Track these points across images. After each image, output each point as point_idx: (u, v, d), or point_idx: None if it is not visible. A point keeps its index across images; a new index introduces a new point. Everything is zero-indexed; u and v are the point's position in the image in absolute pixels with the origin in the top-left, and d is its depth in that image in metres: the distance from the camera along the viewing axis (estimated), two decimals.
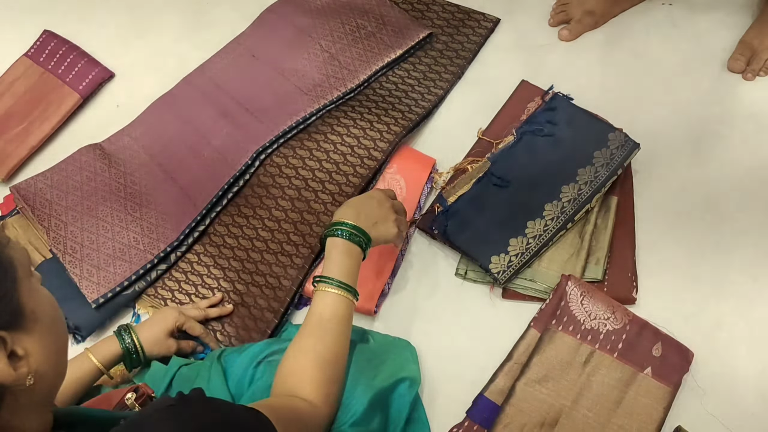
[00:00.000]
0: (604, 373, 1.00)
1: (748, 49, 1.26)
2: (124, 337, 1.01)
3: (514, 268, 1.08)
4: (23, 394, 0.55)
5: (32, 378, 0.54)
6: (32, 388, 0.55)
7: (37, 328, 0.55)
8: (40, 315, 0.56)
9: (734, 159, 1.19)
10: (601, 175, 1.13)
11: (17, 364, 0.53)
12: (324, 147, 1.24)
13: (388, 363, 0.97)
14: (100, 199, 1.25)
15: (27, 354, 0.54)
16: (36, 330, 0.55)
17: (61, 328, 0.59)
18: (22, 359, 0.53)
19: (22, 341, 0.54)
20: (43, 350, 0.55)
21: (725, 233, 1.13)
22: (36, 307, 0.55)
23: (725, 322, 1.06)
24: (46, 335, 0.56)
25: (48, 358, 0.56)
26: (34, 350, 0.54)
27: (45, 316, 0.56)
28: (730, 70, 1.28)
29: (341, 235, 0.93)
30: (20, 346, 0.53)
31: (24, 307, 0.54)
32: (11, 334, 0.53)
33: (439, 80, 1.33)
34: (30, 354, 0.54)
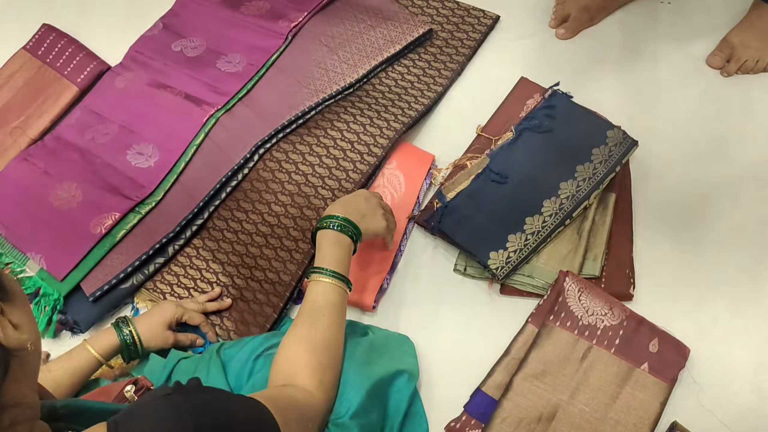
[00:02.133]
0: (602, 369, 1.00)
1: (729, 47, 1.27)
2: (122, 329, 1.01)
3: (512, 264, 1.09)
4: (28, 360, 0.57)
5: (31, 344, 0.56)
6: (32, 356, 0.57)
7: (17, 300, 0.57)
8: (15, 290, 0.58)
9: (731, 156, 1.20)
10: (599, 172, 1.13)
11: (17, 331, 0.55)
12: (324, 143, 1.24)
13: (387, 356, 0.98)
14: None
15: (20, 323, 0.56)
16: (17, 301, 0.57)
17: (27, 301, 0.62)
18: (18, 327, 0.56)
19: (13, 312, 0.56)
20: (27, 320, 0.58)
21: (722, 230, 1.14)
22: (9, 282, 0.58)
23: (721, 318, 1.07)
24: (24, 306, 0.59)
25: (32, 327, 0.59)
26: (22, 320, 0.56)
27: (18, 290, 0.59)
28: (709, 65, 1.29)
29: (331, 226, 0.96)
30: (13, 316, 0.56)
31: (4, 282, 0.57)
32: (5, 304, 0.55)
33: (439, 77, 1.34)
34: (21, 323, 0.56)
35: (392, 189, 1.21)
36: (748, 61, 1.26)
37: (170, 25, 1.47)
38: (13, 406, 0.55)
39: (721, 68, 1.28)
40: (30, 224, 1.23)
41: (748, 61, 1.26)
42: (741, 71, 1.27)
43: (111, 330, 1.01)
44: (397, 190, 1.21)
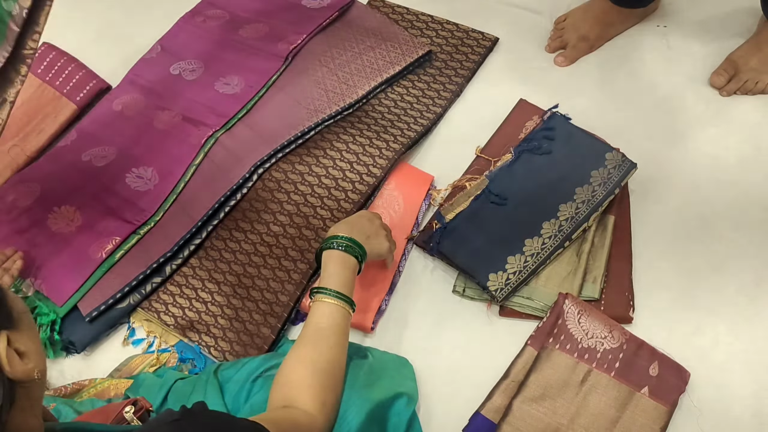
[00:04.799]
0: (601, 392, 1.00)
1: (732, 67, 1.28)
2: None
3: (511, 286, 1.08)
4: (33, 389, 0.56)
5: (38, 373, 0.55)
6: (38, 384, 0.56)
7: (24, 327, 0.56)
8: (21, 314, 0.57)
9: (730, 180, 1.20)
10: (598, 194, 1.13)
11: (24, 360, 0.54)
12: (323, 163, 1.24)
13: (386, 378, 0.97)
14: None
15: (27, 350, 0.55)
16: (23, 328, 0.56)
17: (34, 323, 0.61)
18: (25, 355, 0.55)
19: (20, 339, 0.55)
20: (34, 345, 0.57)
21: (721, 253, 1.14)
22: (17, 306, 0.57)
23: (721, 342, 1.06)
24: (30, 331, 0.58)
25: (39, 352, 0.58)
26: (29, 346, 0.55)
27: (24, 313, 0.58)
28: (711, 84, 1.30)
29: (337, 247, 0.95)
30: (20, 343, 0.55)
31: (11, 307, 0.56)
32: (11, 333, 0.54)
33: (438, 98, 1.34)
34: (28, 350, 0.55)
35: (391, 210, 1.21)
36: (749, 82, 1.27)
37: (168, 48, 1.47)
38: None
39: (722, 87, 1.29)
40: (29, 249, 1.22)
41: (749, 82, 1.27)
42: (740, 92, 1.28)
43: None
44: (395, 211, 1.21)
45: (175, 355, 1.12)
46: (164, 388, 0.97)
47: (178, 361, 1.12)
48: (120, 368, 1.12)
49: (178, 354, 1.12)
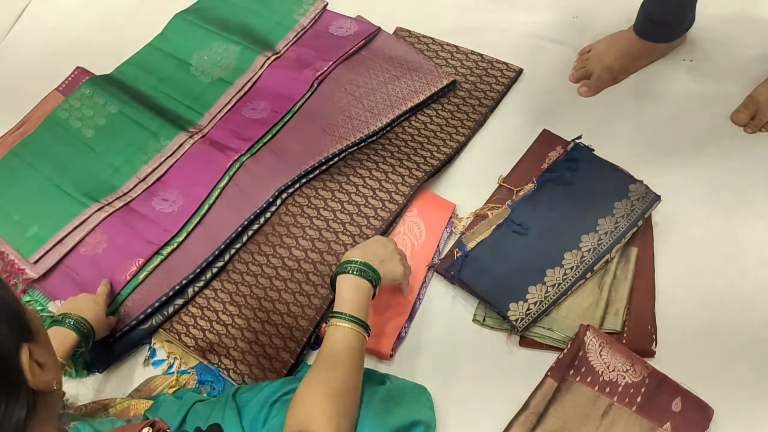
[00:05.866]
0: (623, 427, 0.98)
1: (753, 105, 1.28)
2: (68, 323, 1.02)
3: (532, 316, 1.08)
4: (52, 400, 0.57)
5: (57, 383, 0.57)
6: (55, 395, 0.58)
7: (42, 340, 0.58)
8: (39, 326, 0.58)
9: (756, 213, 1.19)
10: (621, 225, 1.13)
11: (44, 371, 0.56)
12: (346, 189, 1.25)
13: (404, 405, 0.96)
14: None
15: (45, 362, 0.56)
16: (41, 341, 0.58)
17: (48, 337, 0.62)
18: (44, 366, 0.56)
19: (39, 351, 0.56)
20: (51, 358, 0.58)
21: (746, 288, 1.12)
22: (35, 320, 0.58)
23: (746, 379, 1.04)
24: (48, 344, 0.59)
25: (56, 363, 0.59)
26: (47, 358, 0.57)
27: (40, 326, 0.59)
28: (733, 121, 1.30)
29: (351, 271, 0.96)
30: (39, 355, 0.56)
31: (31, 321, 0.57)
32: (32, 345, 0.55)
33: (461, 127, 1.35)
34: (47, 362, 0.56)
35: (413, 237, 1.21)
36: None
37: None
38: None
39: (745, 125, 1.28)
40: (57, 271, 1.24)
41: None
42: (765, 129, 1.27)
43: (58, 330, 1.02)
44: (417, 238, 1.21)
45: (194, 377, 1.13)
46: (183, 409, 0.97)
47: (198, 383, 1.12)
48: (140, 388, 1.13)
49: (198, 376, 1.13)
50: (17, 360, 0.53)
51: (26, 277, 1.22)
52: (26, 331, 0.56)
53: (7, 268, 1.24)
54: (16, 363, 0.53)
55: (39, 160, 1.39)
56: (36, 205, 1.32)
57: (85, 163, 1.38)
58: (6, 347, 0.52)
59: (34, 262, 1.24)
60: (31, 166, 1.39)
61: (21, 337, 0.54)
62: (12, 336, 0.53)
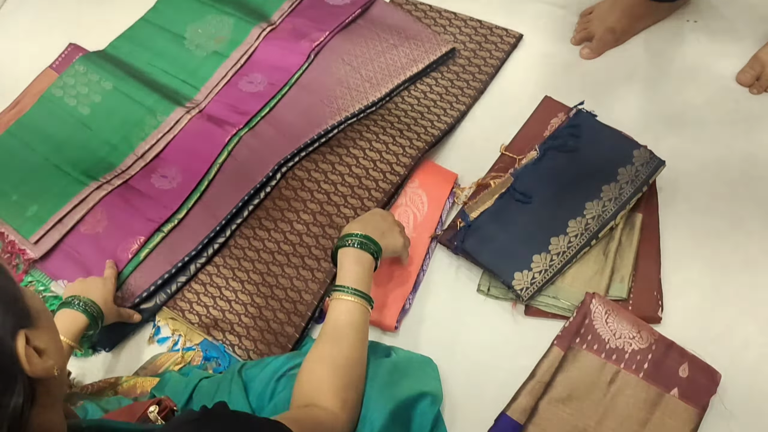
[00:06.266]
0: (630, 394, 0.98)
1: (759, 65, 1.26)
2: (78, 305, 1.02)
3: (537, 285, 1.07)
4: (53, 386, 0.56)
5: (57, 369, 0.55)
6: (57, 380, 0.56)
7: (42, 324, 0.57)
8: (39, 310, 0.57)
9: (761, 175, 1.18)
10: (625, 192, 1.12)
11: (43, 357, 0.54)
12: (346, 161, 1.24)
13: (410, 378, 0.96)
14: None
15: (46, 348, 0.55)
16: (42, 325, 0.56)
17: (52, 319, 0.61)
18: (44, 353, 0.55)
19: (39, 336, 0.55)
20: (52, 342, 0.57)
21: (752, 251, 1.11)
22: (34, 303, 0.57)
23: (753, 343, 1.04)
24: (50, 328, 0.58)
25: (58, 348, 0.58)
26: (48, 343, 0.56)
27: (42, 310, 0.58)
28: (738, 82, 1.28)
29: (351, 244, 0.96)
30: (39, 341, 0.55)
31: (29, 305, 0.56)
32: (30, 331, 0.54)
33: (461, 95, 1.33)
34: (48, 347, 0.55)
35: (415, 208, 1.20)
36: None
37: None
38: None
39: (750, 85, 1.26)
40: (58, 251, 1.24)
41: None
42: None
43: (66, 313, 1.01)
44: (419, 210, 1.20)
45: (199, 354, 1.13)
46: (189, 386, 0.97)
47: (203, 360, 1.12)
48: (145, 366, 1.13)
49: (203, 352, 1.13)
50: (12, 347, 0.52)
51: (27, 257, 1.22)
52: (23, 316, 0.54)
53: (7, 249, 1.24)
54: (11, 350, 0.51)
55: (35, 139, 1.38)
56: (34, 185, 1.31)
57: (82, 141, 1.37)
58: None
59: (35, 243, 1.23)
60: (27, 145, 1.37)
61: (17, 323, 0.53)
62: (6, 323, 0.52)
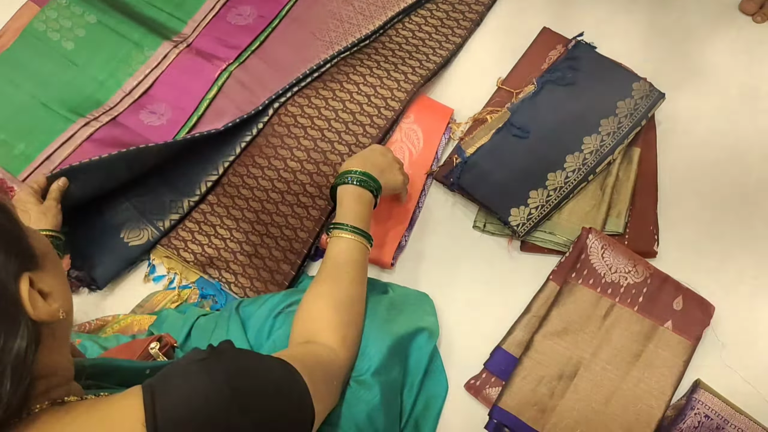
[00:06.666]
0: (624, 327, 0.99)
1: None
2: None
3: (533, 221, 1.07)
4: (59, 329, 0.55)
5: (63, 312, 0.54)
6: (63, 323, 0.55)
7: (48, 265, 0.55)
8: (44, 251, 0.56)
9: (762, 108, 1.16)
10: (624, 126, 1.10)
11: (48, 300, 0.53)
12: (340, 96, 1.21)
13: (407, 313, 0.97)
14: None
15: (51, 290, 0.54)
16: (47, 266, 0.55)
17: (59, 261, 0.59)
18: (49, 296, 0.54)
19: (44, 279, 0.54)
20: (58, 284, 0.56)
21: (749, 186, 1.11)
22: (38, 245, 0.55)
23: (747, 276, 1.05)
24: (55, 269, 0.57)
25: (64, 290, 0.57)
26: (54, 286, 0.55)
27: (48, 252, 0.57)
28: (741, 11, 1.25)
29: (351, 181, 0.94)
30: (44, 284, 0.54)
31: (33, 247, 0.54)
32: (34, 274, 0.53)
33: (457, 27, 1.29)
34: (53, 290, 0.54)
35: (410, 144, 1.19)
36: None
37: None
38: (46, 376, 0.54)
39: (753, 14, 1.23)
40: None
41: None
42: None
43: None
44: (415, 146, 1.18)
45: (196, 292, 1.13)
46: (187, 324, 0.97)
47: (200, 298, 1.12)
48: (142, 304, 1.13)
49: (199, 290, 1.13)
50: (15, 291, 0.50)
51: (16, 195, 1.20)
52: (27, 259, 0.53)
53: None
54: (14, 294, 0.50)
55: (19, 76, 1.34)
56: (21, 123, 1.28)
57: (68, 78, 1.33)
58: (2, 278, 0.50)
59: (23, 180, 1.21)
60: (11, 82, 1.33)
61: (21, 266, 0.52)
62: (9, 265, 0.50)
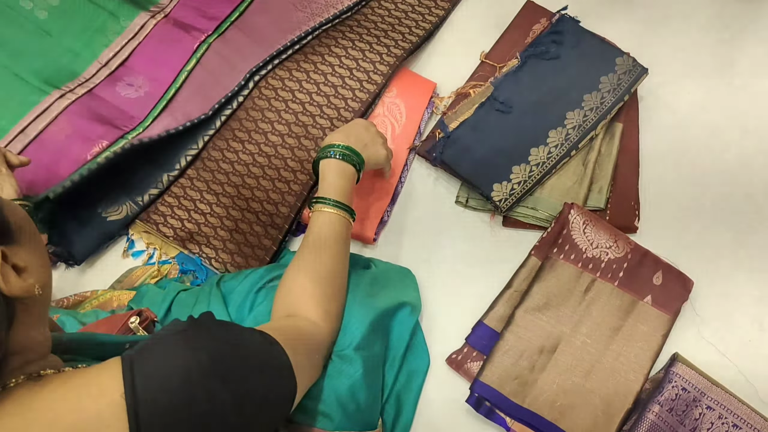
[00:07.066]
0: (605, 301, 1.00)
1: None
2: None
3: (516, 196, 1.07)
4: (34, 305, 0.54)
5: (39, 288, 0.53)
6: (39, 298, 0.54)
7: (24, 239, 0.54)
8: (21, 224, 0.54)
9: (742, 84, 1.17)
10: (607, 101, 1.10)
11: (23, 276, 0.52)
12: (321, 69, 1.19)
13: (389, 288, 0.97)
14: None
15: (27, 265, 0.52)
16: (24, 240, 0.53)
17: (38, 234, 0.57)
18: (24, 271, 0.52)
19: (19, 253, 0.52)
20: (36, 259, 0.54)
21: (729, 161, 1.12)
22: (14, 218, 0.54)
23: (726, 251, 1.06)
24: (33, 243, 0.55)
25: (42, 265, 0.55)
26: (30, 260, 0.53)
27: (25, 225, 0.55)
28: None
29: (334, 155, 0.93)
30: (19, 258, 0.52)
31: (8, 219, 0.53)
32: (9, 248, 0.51)
33: (440, 0, 1.28)
34: (29, 265, 0.53)
35: (393, 118, 1.17)
36: None
37: None
38: (21, 351, 0.53)
39: None
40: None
41: None
42: None
43: None
44: (397, 120, 1.17)
45: (176, 267, 1.11)
46: (167, 299, 0.96)
47: (180, 273, 1.11)
48: (121, 280, 1.12)
49: (179, 266, 1.11)
50: None
51: None
52: (2, 232, 0.51)
53: None
54: None
55: None
56: None
57: (42, 48, 1.29)
58: None
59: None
60: None
61: None
62: None
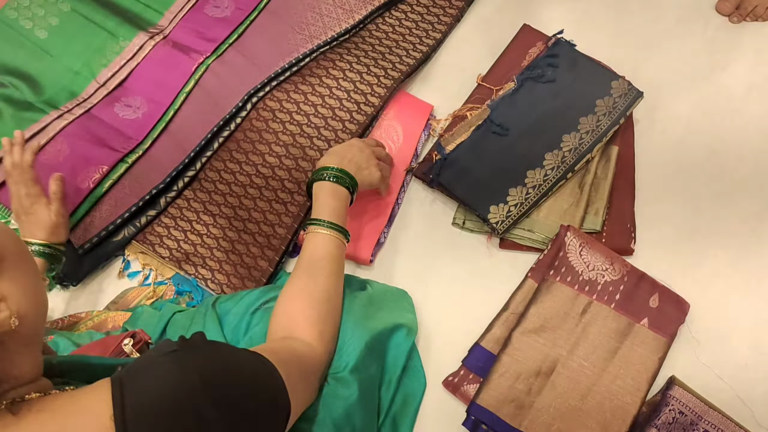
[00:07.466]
0: (601, 324, 1.00)
1: None
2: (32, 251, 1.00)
3: (513, 218, 1.07)
4: (10, 339, 0.52)
5: (16, 320, 0.50)
6: (18, 331, 0.51)
7: (5, 267, 0.51)
8: (4, 253, 0.52)
9: (737, 108, 1.18)
10: (603, 124, 1.11)
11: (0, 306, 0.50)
12: (319, 91, 1.20)
13: (385, 310, 0.97)
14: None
15: (4, 296, 0.50)
16: (4, 269, 0.51)
17: (29, 260, 0.55)
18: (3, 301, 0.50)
19: None
20: (18, 288, 0.52)
21: (725, 184, 1.12)
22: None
23: (722, 273, 1.06)
24: (16, 272, 0.53)
25: (25, 295, 0.53)
26: (10, 291, 0.51)
27: (9, 253, 0.52)
28: (718, 11, 1.27)
29: (327, 178, 0.94)
30: None
31: None
32: None
33: (437, 23, 1.29)
34: (7, 296, 0.51)
35: (390, 140, 1.18)
36: (758, 8, 1.22)
37: None
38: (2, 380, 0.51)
39: (729, 15, 1.24)
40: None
41: (758, 8, 1.22)
42: (750, 18, 1.24)
43: None
44: (394, 142, 1.18)
45: (172, 288, 1.11)
46: (163, 320, 0.96)
47: (176, 294, 1.11)
48: (116, 301, 1.11)
49: (175, 287, 1.11)
50: None
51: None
52: None
53: None
54: None
55: None
56: None
57: (42, 67, 1.30)
58: None
59: None
60: None
61: None
62: None
